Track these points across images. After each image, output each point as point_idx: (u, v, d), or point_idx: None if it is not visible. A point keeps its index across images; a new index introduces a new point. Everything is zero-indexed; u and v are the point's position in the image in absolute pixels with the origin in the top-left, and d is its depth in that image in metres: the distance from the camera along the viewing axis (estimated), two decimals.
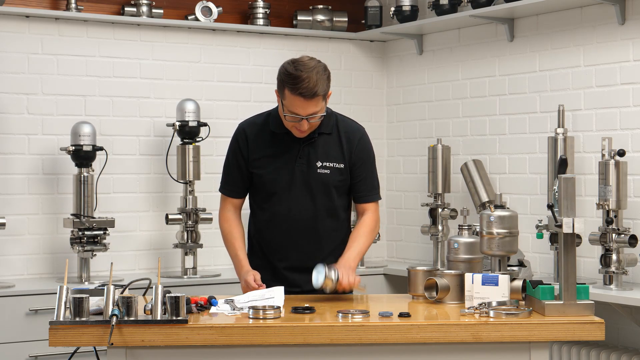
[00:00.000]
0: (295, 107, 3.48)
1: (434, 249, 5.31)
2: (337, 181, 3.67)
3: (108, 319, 2.82)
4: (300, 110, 3.48)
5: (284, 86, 3.48)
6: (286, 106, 3.51)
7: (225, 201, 3.79)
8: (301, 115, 3.49)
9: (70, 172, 4.94)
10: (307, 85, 3.43)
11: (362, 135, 3.75)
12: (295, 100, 3.47)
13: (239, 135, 3.72)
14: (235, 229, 3.75)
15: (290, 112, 3.50)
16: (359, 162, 3.71)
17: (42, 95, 5.02)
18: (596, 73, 4.68)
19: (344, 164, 3.68)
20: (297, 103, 3.47)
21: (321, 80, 3.46)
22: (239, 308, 3.13)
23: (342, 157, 3.68)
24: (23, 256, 4.97)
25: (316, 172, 3.65)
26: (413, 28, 5.54)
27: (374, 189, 3.78)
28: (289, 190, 3.64)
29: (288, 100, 3.49)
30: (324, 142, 3.67)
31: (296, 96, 3.45)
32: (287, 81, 3.47)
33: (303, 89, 3.43)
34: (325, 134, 3.67)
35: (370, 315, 3.03)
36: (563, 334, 2.98)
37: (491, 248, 3.27)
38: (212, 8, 5.39)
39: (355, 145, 3.70)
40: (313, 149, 3.65)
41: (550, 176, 4.61)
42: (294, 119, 3.51)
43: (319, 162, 3.65)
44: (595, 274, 4.52)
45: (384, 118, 5.97)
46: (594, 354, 4.44)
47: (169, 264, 5.29)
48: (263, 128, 3.69)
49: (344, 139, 3.69)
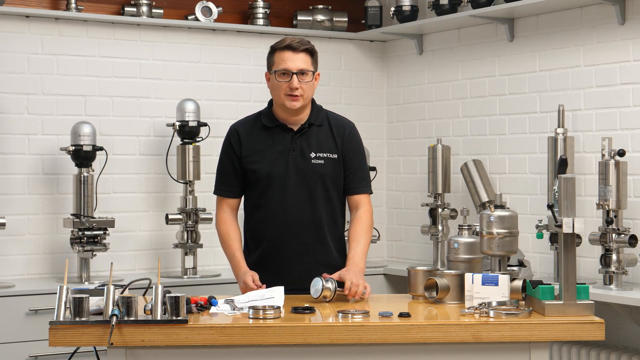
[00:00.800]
0: (284, 62, 3.60)
1: (434, 249, 5.31)
2: (332, 171, 3.70)
3: (108, 319, 2.82)
4: (290, 64, 3.60)
5: (273, 51, 3.66)
6: (275, 67, 3.62)
7: (221, 203, 3.80)
8: (291, 69, 3.59)
9: (70, 172, 4.94)
10: (292, 40, 3.64)
11: (352, 129, 3.81)
12: (283, 54, 3.61)
13: (231, 134, 3.78)
14: (232, 231, 3.75)
15: (281, 70, 3.60)
16: (350, 153, 3.74)
17: (42, 95, 5.02)
18: (596, 73, 4.68)
19: (337, 154, 3.71)
20: (285, 57, 3.60)
21: (308, 43, 3.67)
22: (239, 308, 3.13)
23: (335, 148, 3.72)
24: (23, 256, 4.97)
25: (311, 163, 3.67)
26: (413, 28, 5.54)
27: (365, 181, 3.80)
28: (285, 183, 3.66)
29: (277, 61, 3.62)
30: (316, 133, 3.71)
31: (284, 51, 3.61)
32: (274, 46, 3.66)
33: (289, 42, 3.62)
34: (316, 126, 3.72)
35: (370, 315, 3.03)
36: (563, 334, 2.98)
37: (491, 248, 3.27)
38: (212, 8, 5.39)
39: (347, 136, 3.75)
40: (306, 140, 3.69)
41: (550, 176, 4.61)
42: (285, 77, 3.60)
43: (312, 152, 3.68)
44: (595, 274, 4.52)
45: (384, 118, 5.97)
46: (594, 354, 4.44)
47: (169, 264, 5.29)
48: (255, 124, 3.75)
49: (335, 130, 3.74)
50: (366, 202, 3.78)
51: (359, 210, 3.75)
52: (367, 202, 3.78)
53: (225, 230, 3.76)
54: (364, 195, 3.78)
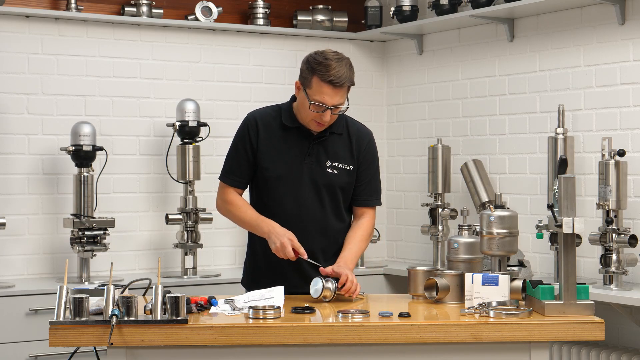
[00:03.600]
0: (322, 96, 3.48)
1: (434, 249, 5.31)
2: (345, 183, 3.65)
3: (108, 319, 2.82)
4: (327, 99, 3.48)
5: (313, 74, 3.49)
6: (311, 95, 3.49)
7: (225, 189, 3.70)
8: (327, 104, 3.49)
9: (70, 172, 4.94)
10: (337, 73, 3.46)
11: (370, 139, 3.75)
12: (323, 87, 3.47)
13: (249, 123, 3.66)
14: (245, 202, 3.66)
15: (316, 102, 3.49)
16: (365, 165, 3.69)
17: (42, 95, 5.02)
18: (596, 73, 4.68)
19: (353, 165, 3.66)
20: (325, 91, 3.47)
21: (350, 71, 3.52)
22: (239, 308, 3.13)
23: (352, 159, 3.66)
24: (23, 256, 4.97)
25: (325, 172, 3.62)
26: (413, 28, 5.54)
27: (376, 194, 3.76)
28: (296, 187, 3.60)
29: (315, 89, 3.49)
30: (333, 142, 3.65)
31: (325, 84, 3.47)
32: (317, 69, 3.48)
33: (333, 76, 3.46)
34: (336, 134, 3.65)
35: (370, 315, 3.03)
36: (563, 334, 2.98)
37: (491, 248, 3.27)
38: (212, 8, 5.39)
39: (364, 147, 3.70)
40: (323, 147, 3.63)
41: (550, 176, 4.61)
42: (318, 108, 3.50)
43: (328, 161, 3.62)
44: (595, 274, 4.52)
45: (384, 118, 5.97)
46: (594, 354, 4.44)
47: (169, 264, 5.29)
48: (274, 119, 3.65)
49: (353, 140, 3.68)
50: (371, 214, 3.74)
51: (362, 219, 3.71)
52: (372, 214, 3.74)
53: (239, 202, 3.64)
54: (371, 208, 3.74)
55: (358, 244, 3.65)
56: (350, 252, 3.61)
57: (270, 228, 3.54)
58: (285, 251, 3.47)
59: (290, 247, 3.47)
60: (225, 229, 5.34)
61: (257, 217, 3.60)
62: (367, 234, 3.71)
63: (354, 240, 3.66)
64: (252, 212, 3.63)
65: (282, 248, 3.47)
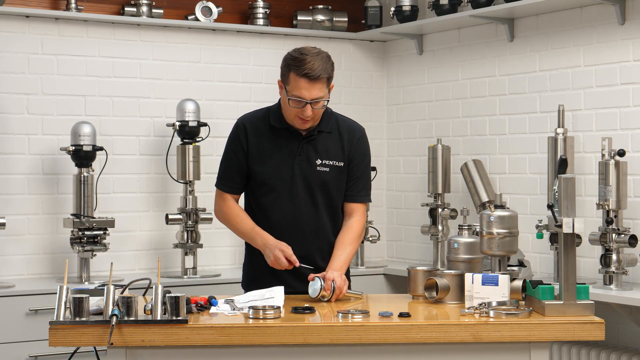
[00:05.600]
0: (299, 90, 3.50)
1: (434, 249, 5.31)
2: (337, 179, 3.66)
3: (108, 319, 2.82)
4: (304, 93, 3.50)
5: (289, 70, 3.53)
6: (290, 91, 3.52)
7: (222, 195, 3.75)
8: (305, 99, 3.50)
9: (70, 172, 4.94)
10: (311, 66, 3.49)
11: (362, 135, 3.76)
12: (300, 82, 3.50)
13: (238, 128, 3.71)
14: (242, 211, 3.71)
15: (294, 97, 3.51)
16: (356, 160, 3.71)
17: (42, 95, 5.02)
18: (596, 73, 4.68)
19: (344, 162, 3.68)
20: (301, 85, 3.50)
21: (326, 64, 3.54)
22: (239, 308, 3.13)
23: (342, 155, 3.68)
24: (23, 256, 4.97)
25: (316, 170, 3.64)
26: (413, 28, 5.54)
27: (365, 190, 3.75)
28: (288, 188, 3.62)
29: (292, 84, 3.51)
30: (323, 140, 3.66)
31: (301, 78, 3.49)
32: (292, 64, 3.52)
33: (308, 69, 3.48)
34: (325, 132, 3.67)
35: (370, 315, 3.03)
36: (563, 334, 2.98)
37: (491, 248, 3.27)
38: (212, 8, 5.39)
39: (355, 142, 3.71)
40: (312, 146, 3.65)
41: (550, 176, 4.61)
42: (297, 104, 3.52)
43: (318, 159, 3.64)
44: (595, 274, 4.52)
45: (384, 118, 5.97)
46: (594, 354, 4.44)
47: (169, 264, 5.29)
48: (263, 122, 3.69)
49: (344, 137, 3.69)
50: (361, 211, 3.74)
51: (352, 219, 3.71)
52: (361, 211, 3.74)
53: (234, 211, 3.71)
54: (361, 204, 3.75)
55: (349, 248, 3.64)
56: (339, 260, 3.59)
57: (264, 241, 3.60)
58: (279, 262, 3.53)
59: (284, 258, 3.53)
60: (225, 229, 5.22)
61: (252, 230, 3.65)
62: (357, 235, 3.70)
63: (342, 246, 3.64)
64: (247, 223, 3.68)
65: (275, 261, 3.54)
